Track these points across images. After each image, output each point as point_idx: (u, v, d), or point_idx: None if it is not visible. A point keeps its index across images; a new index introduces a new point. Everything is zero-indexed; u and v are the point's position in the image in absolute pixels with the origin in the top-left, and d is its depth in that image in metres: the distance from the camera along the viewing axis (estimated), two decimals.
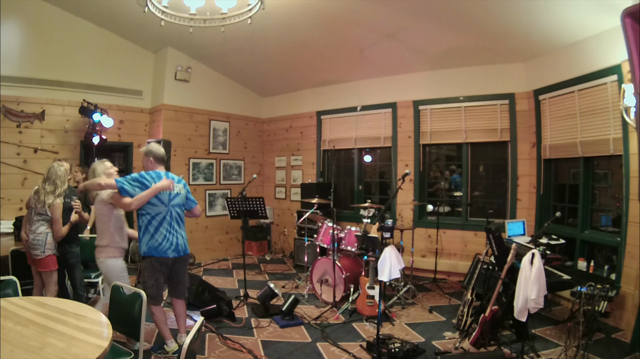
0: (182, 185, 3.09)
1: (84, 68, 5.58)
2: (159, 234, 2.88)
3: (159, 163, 3.05)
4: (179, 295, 3.13)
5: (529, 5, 3.71)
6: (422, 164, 5.81)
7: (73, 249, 3.55)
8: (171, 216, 2.94)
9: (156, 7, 3.56)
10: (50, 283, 3.24)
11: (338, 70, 6.16)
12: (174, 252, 2.92)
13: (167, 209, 2.93)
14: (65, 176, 3.31)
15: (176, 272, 3.02)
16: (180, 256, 2.98)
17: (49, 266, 3.22)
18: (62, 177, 3.29)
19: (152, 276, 2.89)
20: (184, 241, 3.03)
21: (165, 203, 2.92)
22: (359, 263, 4.52)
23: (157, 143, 3.17)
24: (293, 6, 4.35)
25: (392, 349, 3.07)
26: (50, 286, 3.24)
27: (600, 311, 2.97)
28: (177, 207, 3.00)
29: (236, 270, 5.96)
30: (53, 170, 3.29)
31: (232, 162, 7.12)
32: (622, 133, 3.66)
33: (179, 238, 2.97)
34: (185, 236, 3.06)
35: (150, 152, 3.02)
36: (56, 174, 3.28)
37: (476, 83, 5.32)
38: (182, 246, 3.00)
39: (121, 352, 2.28)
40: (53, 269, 3.24)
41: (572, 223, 4.53)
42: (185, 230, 3.09)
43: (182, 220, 3.04)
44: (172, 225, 2.94)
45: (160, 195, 2.90)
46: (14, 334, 1.71)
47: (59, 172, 3.29)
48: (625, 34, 2.53)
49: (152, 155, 3.01)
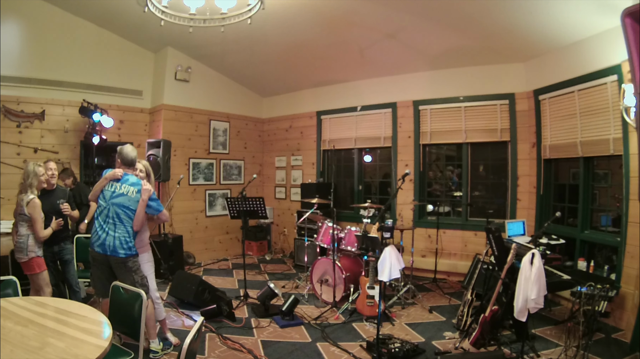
0: (136, 189, 2.94)
1: (84, 68, 5.57)
2: (94, 226, 2.92)
3: (125, 166, 3.04)
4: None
5: (529, 5, 3.70)
6: (422, 164, 5.81)
7: (67, 246, 3.59)
8: (108, 213, 2.88)
9: (156, 7, 3.56)
10: (42, 284, 3.18)
11: (338, 70, 6.16)
12: (98, 247, 2.84)
13: (107, 205, 2.90)
14: (31, 173, 3.20)
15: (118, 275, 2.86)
16: (106, 254, 2.82)
17: (34, 269, 3.15)
18: (25, 173, 3.20)
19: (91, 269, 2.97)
20: (115, 242, 2.83)
21: (105, 199, 2.91)
22: (359, 263, 4.52)
23: (130, 146, 3.12)
24: (293, 6, 4.35)
25: (392, 349, 3.07)
26: (43, 288, 3.18)
27: (600, 311, 2.97)
28: (117, 207, 2.88)
29: (236, 270, 5.96)
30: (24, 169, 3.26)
31: (232, 162, 7.12)
32: (622, 133, 3.66)
33: (108, 235, 2.84)
34: (120, 238, 2.84)
35: (119, 154, 3.06)
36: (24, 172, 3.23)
37: (476, 83, 5.32)
38: (110, 245, 2.82)
39: (121, 352, 2.28)
40: (39, 271, 3.17)
41: (572, 223, 4.53)
42: (126, 233, 2.87)
43: (121, 221, 2.87)
44: (106, 221, 2.87)
45: (104, 191, 2.93)
46: (14, 334, 1.71)
47: (27, 169, 3.23)
48: (625, 34, 2.53)
49: (120, 157, 3.05)
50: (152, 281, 3.17)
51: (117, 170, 2.98)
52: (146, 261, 3.16)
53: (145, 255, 3.16)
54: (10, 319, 1.86)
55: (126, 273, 2.86)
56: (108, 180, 2.95)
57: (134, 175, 3.07)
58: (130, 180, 2.98)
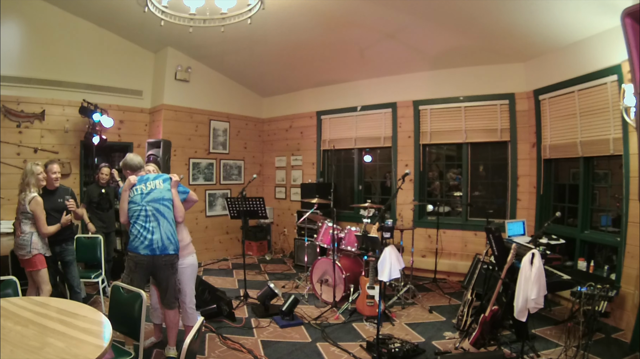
0: (161, 180, 2.98)
1: (84, 68, 5.57)
2: (134, 229, 2.85)
3: (135, 172, 3.05)
4: (166, 304, 2.96)
5: (529, 5, 3.71)
6: (422, 164, 5.81)
7: (69, 247, 3.58)
8: (146, 212, 2.84)
9: (156, 7, 3.56)
10: (41, 282, 3.20)
11: (338, 70, 6.16)
12: (146, 249, 2.76)
13: (142, 206, 2.87)
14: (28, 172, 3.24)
15: (160, 277, 2.86)
16: (155, 254, 2.77)
17: (35, 266, 3.18)
18: (24, 172, 3.24)
19: (127, 276, 2.81)
20: (163, 238, 2.80)
21: (138, 203, 2.88)
22: (359, 263, 4.52)
23: (130, 154, 3.17)
24: (293, 6, 4.35)
25: (392, 349, 3.07)
26: (42, 286, 3.20)
27: (600, 311, 2.97)
28: (153, 202, 2.87)
29: (236, 270, 5.96)
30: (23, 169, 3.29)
31: (232, 162, 7.12)
32: (622, 133, 3.66)
33: (154, 234, 2.79)
34: (167, 234, 2.83)
35: (125, 166, 3.07)
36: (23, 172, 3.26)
37: (476, 83, 5.32)
38: (159, 243, 2.78)
39: (121, 352, 2.28)
40: (40, 268, 3.20)
41: (572, 223, 4.53)
42: (171, 228, 2.88)
43: (163, 216, 2.86)
44: (147, 221, 2.82)
45: (132, 197, 2.91)
46: (14, 334, 1.71)
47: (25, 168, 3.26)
48: (625, 34, 2.53)
49: (127, 168, 3.06)
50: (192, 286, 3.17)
51: (130, 178, 2.97)
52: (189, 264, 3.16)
53: (190, 258, 3.17)
54: (10, 319, 1.86)
55: (172, 275, 2.88)
56: (128, 190, 2.93)
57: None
58: (150, 176, 3.01)
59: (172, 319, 3.00)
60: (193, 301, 3.19)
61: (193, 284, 3.21)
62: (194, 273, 3.22)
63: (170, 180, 3.05)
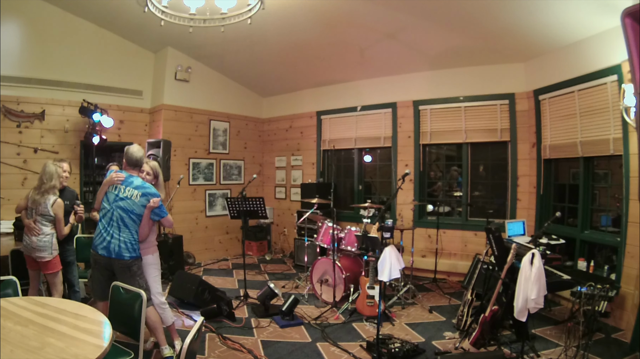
0: (140, 193, 2.85)
1: (84, 68, 5.57)
2: (97, 228, 2.84)
3: (131, 167, 2.96)
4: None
5: (529, 5, 3.71)
6: (422, 164, 5.81)
7: (70, 247, 3.60)
8: (112, 216, 2.80)
9: (156, 7, 3.56)
10: (57, 283, 3.25)
11: (338, 70, 6.16)
12: (103, 250, 2.76)
13: (111, 208, 2.83)
14: (54, 174, 3.23)
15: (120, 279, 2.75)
16: (111, 257, 2.75)
17: (57, 267, 3.23)
18: (47, 174, 3.21)
19: (91, 270, 2.84)
20: (120, 244, 2.77)
21: (109, 202, 2.84)
22: (359, 263, 4.52)
23: (137, 146, 3.02)
24: (293, 6, 4.35)
25: (392, 349, 3.07)
26: (57, 286, 3.24)
27: (600, 311, 2.98)
28: (121, 210, 2.80)
29: (236, 270, 5.96)
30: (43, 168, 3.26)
31: (232, 162, 7.12)
32: (622, 133, 3.66)
33: (113, 238, 2.77)
34: (125, 241, 2.78)
35: (125, 154, 2.97)
36: (43, 171, 3.24)
37: (476, 83, 5.32)
38: (115, 248, 2.75)
39: (121, 352, 2.28)
40: (59, 269, 3.26)
41: (572, 223, 4.53)
42: (130, 236, 2.81)
43: (126, 226, 2.80)
44: (110, 224, 2.79)
45: (108, 193, 2.86)
46: (14, 334, 1.71)
47: (49, 169, 3.24)
48: (625, 34, 2.53)
49: (125, 157, 2.97)
50: (157, 284, 3.03)
51: (114, 175, 2.87)
52: (151, 263, 3.03)
53: (150, 257, 3.02)
54: (10, 319, 1.86)
55: (130, 278, 2.78)
56: (107, 185, 2.87)
57: (140, 178, 2.96)
58: (134, 182, 2.87)
59: (152, 318, 2.89)
60: (162, 301, 3.05)
61: (157, 283, 3.05)
62: (157, 272, 3.06)
63: (149, 198, 2.88)
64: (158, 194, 2.95)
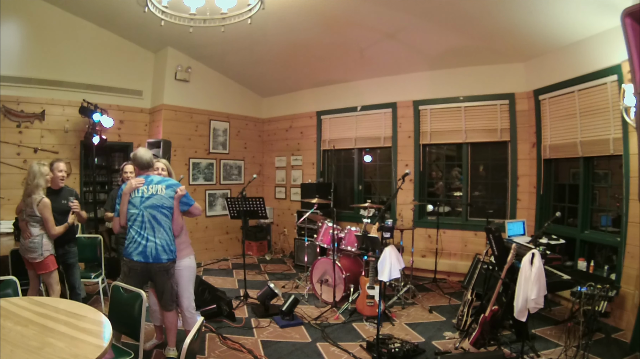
0: (164, 185, 2.84)
1: (84, 68, 5.57)
2: (129, 235, 2.78)
3: (143, 170, 2.93)
4: (164, 306, 2.90)
5: (529, 5, 3.71)
6: (422, 164, 5.81)
7: (72, 249, 3.56)
8: (143, 218, 2.76)
9: (156, 7, 3.56)
10: (53, 283, 3.21)
11: (338, 70, 6.16)
12: (139, 256, 2.71)
13: (139, 211, 2.77)
14: (37, 173, 3.17)
15: (156, 282, 2.82)
16: (148, 262, 2.71)
17: (49, 267, 3.19)
18: (30, 175, 3.17)
19: (122, 280, 2.72)
20: (157, 247, 2.74)
21: (136, 206, 2.78)
22: (359, 263, 4.52)
23: (142, 148, 3.01)
24: (293, 6, 4.35)
25: (392, 349, 3.07)
26: (53, 287, 3.21)
27: (600, 311, 2.97)
28: (151, 209, 2.77)
29: (236, 270, 5.95)
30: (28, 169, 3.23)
31: (232, 162, 7.12)
32: (622, 133, 3.66)
33: (149, 242, 2.72)
34: (162, 243, 2.76)
35: (133, 160, 2.94)
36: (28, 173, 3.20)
37: (476, 83, 5.32)
38: (152, 251, 2.72)
39: (121, 352, 2.28)
40: (53, 269, 3.22)
41: (572, 223, 4.53)
42: (167, 236, 2.80)
43: (160, 224, 2.78)
44: (143, 227, 2.74)
45: (132, 198, 2.81)
46: (14, 334, 1.71)
47: (32, 169, 3.19)
48: (625, 34, 2.53)
49: (134, 163, 2.94)
50: (190, 289, 3.04)
51: (133, 182, 2.85)
52: (186, 266, 3.01)
53: (186, 260, 3.02)
54: (10, 319, 1.86)
55: (167, 280, 2.79)
56: (128, 194, 2.82)
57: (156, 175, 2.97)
58: (154, 179, 2.87)
59: (171, 320, 2.96)
60: (192, 306, 3.08)
61: (191, 287, 3.09)
62: (191, 276, 3.09)
63: (175, 188, 2.88)
64: (180, 184, 2.94)
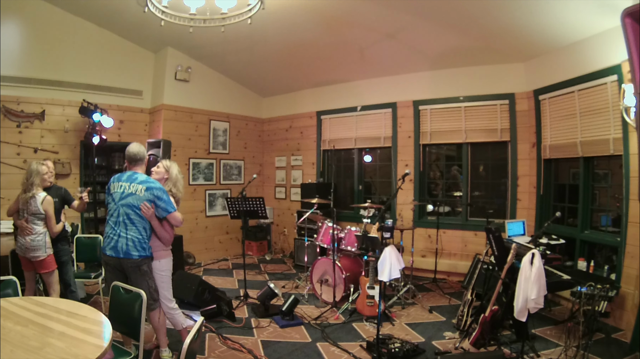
0: (144, 187, 2.79)
1: (84, 68, 5.57)
2: (106, 227, 2.82)
3: (131, 164, 2.94)
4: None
5: (529, 5, 3.71)
6: (422, 164, 5.81)
7: (64, 246, 3.57)
8: (118, 214, 2.77)
9: (156, 7, 3.56)
10: (53, 282, 3.24)
11: (338, 70, 6.16)
12: (111, 250, 2.73)
13: (117, 207, 2.78)
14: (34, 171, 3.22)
15: (131, 280, 2.73)
16: (119, 257, 2.71)
17: (52, 266, 3.23)
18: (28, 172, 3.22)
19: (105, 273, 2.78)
20: (129, 243, 2.72)
21: (115, 201, 2.80)
22: (359, 263, 4.52)
23: (135, 143, 3.01)
24: (293, 6, 4.35)
25: (392, 349, 3.07)
26: (54, 286, 3.23)
27: (600, 311, 2.97)
28: (127, 207, 2.76)
29: (236, 270, 5.95)
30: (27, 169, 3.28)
31: (232, 162, 7.12)
32: (622, 133, 3.66)
33: (120, 237, 2.73)
34: (133, 239, 2.73)
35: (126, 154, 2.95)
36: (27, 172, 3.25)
37: (476, 83, 5.32)
38: (123, 246, 2.71)
39: (121, 352, 2.28)
40: (54, 268, 3.25)
41: (572, 223, 4.53)
42: (139, 234, 2.76)
43: (133, 223, 2.75)
44: (117, 223, 2.76)
45: (113, 193, 2.84)
46: (14, 334, 1.71)
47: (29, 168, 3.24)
48: (625, 34, 2.53)
49: (125, 157, 2.96)
50: (165, 291, 2.95)
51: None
52: (159, 269, 2.92)
53: (156, 263, 2.91)
54: (10, 319, 1.86)
55: (140, 277, 2.74)
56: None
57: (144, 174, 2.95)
58: (139, 178, 2.85)
59: (155, 320, 2.89)
60: (170, 306, 2.97)
61: (165, 288, 2.96)
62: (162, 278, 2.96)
63: (154, 192, 2.80)
64: (162, 187, 2.89)
